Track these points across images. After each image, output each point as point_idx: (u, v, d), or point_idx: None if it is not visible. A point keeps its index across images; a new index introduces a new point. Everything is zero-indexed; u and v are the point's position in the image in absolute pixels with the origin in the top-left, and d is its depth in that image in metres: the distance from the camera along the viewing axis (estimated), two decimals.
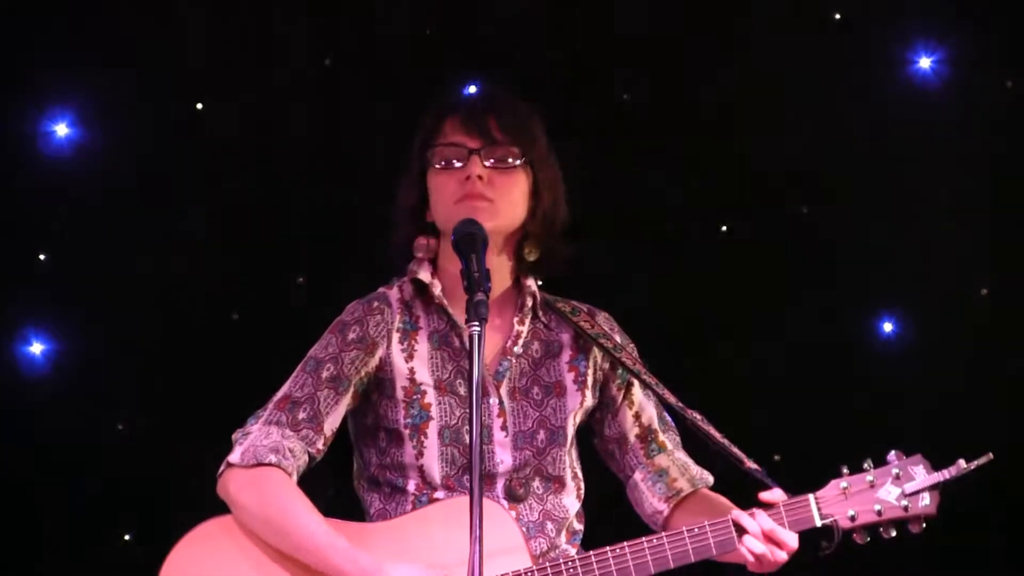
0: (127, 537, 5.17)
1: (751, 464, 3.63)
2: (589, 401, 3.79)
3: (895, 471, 3.56)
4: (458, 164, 3.65)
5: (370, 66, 5.24)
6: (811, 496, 3.55)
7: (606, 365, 3.80)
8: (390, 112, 5.18)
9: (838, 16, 5.31)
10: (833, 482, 3.56)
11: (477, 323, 3.25)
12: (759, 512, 3.54)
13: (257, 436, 3.59)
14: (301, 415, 3.61)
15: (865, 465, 3.57)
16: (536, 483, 3.70)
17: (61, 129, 5.15)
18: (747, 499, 3.61)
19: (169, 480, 5.03)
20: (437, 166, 3.68)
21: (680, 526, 3.59)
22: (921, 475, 3.56)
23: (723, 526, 3.54)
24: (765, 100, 5.27)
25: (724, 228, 5.34)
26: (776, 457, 5.25)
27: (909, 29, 5.30)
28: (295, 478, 3.57)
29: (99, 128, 5.16)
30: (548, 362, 3.76)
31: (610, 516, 3.88)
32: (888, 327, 5.34)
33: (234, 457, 3.59)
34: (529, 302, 3.76)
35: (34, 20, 5.13)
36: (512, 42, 5.24)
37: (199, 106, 5.22)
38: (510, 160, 3.66)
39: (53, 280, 5.16)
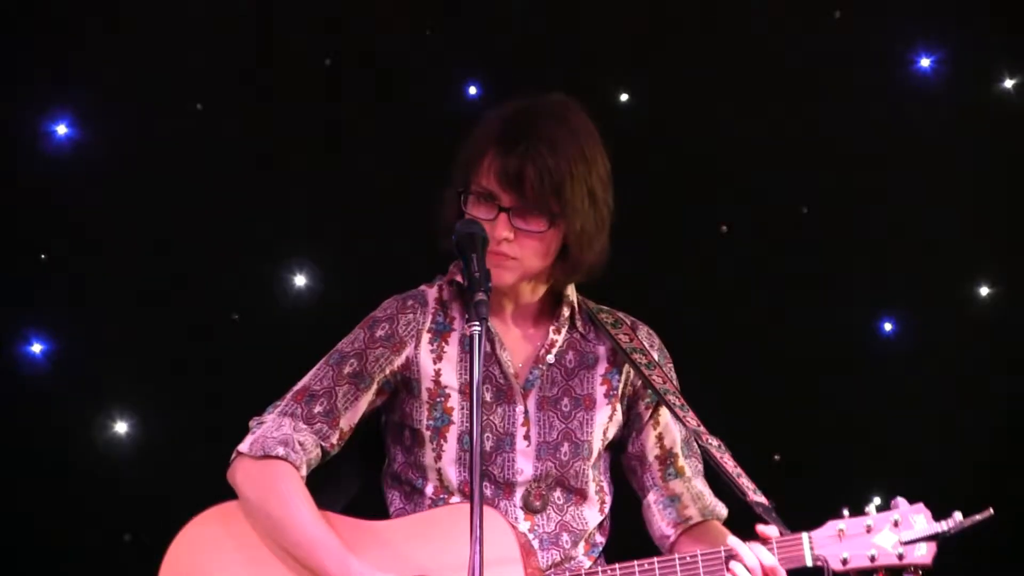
0: (127, 537, 5.17)
1: (755, 497, 3.55)
2: (619, 415, 3.75)
3: (895, 517, 3.44)
4: (489, 216, 3.55)
5: (370, 66, 5.23)
6: (805, 535, 3.46)
7: (638, 382, 3.74)
8: (390, 112, 5.18)
9: (838, 15, 5.31)
10: (830, 522, 3.46)
11: (477, 323, 3.25)
12: (756, 545, 3.46)
13: (269, 427, 3.59)
14: (317, 408, 3.60)
15: (867, 508, 3.45)
16: (557, 494, 3.67)
17: (61, 129, 5.15)
18: (747, 530, 3.58)
19: (169, 480, 5.03)
20: (468, 209, 3.59)
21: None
22: (920, 524, 3.46)
23: (714, 556, 3.48)
24: (765, 99, 5.26)
25: (724, 228, 5.33)
26: (776, 457, 5.26)
27: (909, 29, 5.29)
28: (304, 472, 3.56)
29: (99, 128, 5.16)
30: (582, 373, 3.72)
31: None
32: (888, 327, 5.34)
33: (244, 446, 3.59)
34: (566, 312, 3.71)
35: (34, 20, 5.13)
36: (512, 42, 5.24)
37: (199, 106, 5.22)
38: (538, 223, 3.56)
39: (53, 280, 5.15)
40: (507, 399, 3.65)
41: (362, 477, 3.77)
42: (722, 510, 3.74)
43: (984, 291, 5.32)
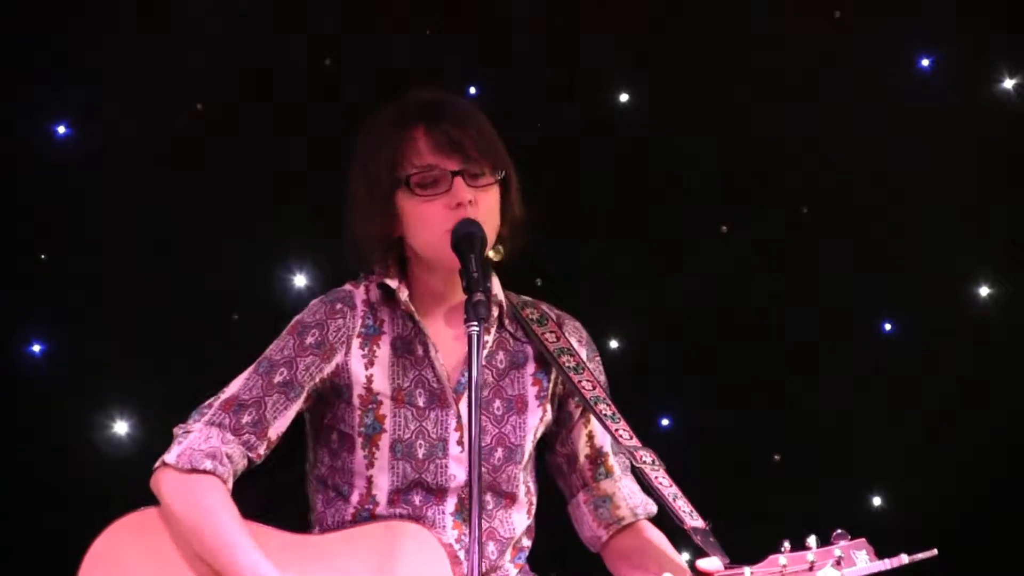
0: None
1: (692, 523, 3.48)
2: (549, 415, 3.71)
3: (837, 553, 3.35)
4: (442, 189, 3.53)
5: (370, 66, 5.23)
6: (747, 569, 3.37)
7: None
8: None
9: (838, 15, 5.31)
10: (772, 557, 3.36)
11: (476, 323, 3.23)
12: None
13: (196, 438, 3.52)
14: (245, 419, 3.53)
15: (808, 543, 3.35)
16: (487, 498, 3.62)
17: (61, 129, 5.15)
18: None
19: None
20: (419, 192, 3.54)
21: (616, 554, 3.60)
22: (863, 561, 3.35)
23: None
24: (765, 100, 5.27)
25: (724, 228, 5.33)
26: (776, 457, 5.25)
27: (909, 29, 5.29)
28: (230, 484, 3.50)
29: (99, 128, 5.16)
30: (513, 373, 3.67)
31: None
32: (888, 327, 5.34)
33: (170, 457, 3.52)
34: (495, 311, 3.65)
35: (35, 20, 5.13)
36: (512, 42, 5.24)
37: (199, 106, 5.22)
38: (488, 178, 3.55)
39: (53, 280, 5.16)
40: (440, 403, 3.59)
41: (276, 476, 3.70)
42: (652, 507, 3.71)
43: (984, 291, 5.33)
